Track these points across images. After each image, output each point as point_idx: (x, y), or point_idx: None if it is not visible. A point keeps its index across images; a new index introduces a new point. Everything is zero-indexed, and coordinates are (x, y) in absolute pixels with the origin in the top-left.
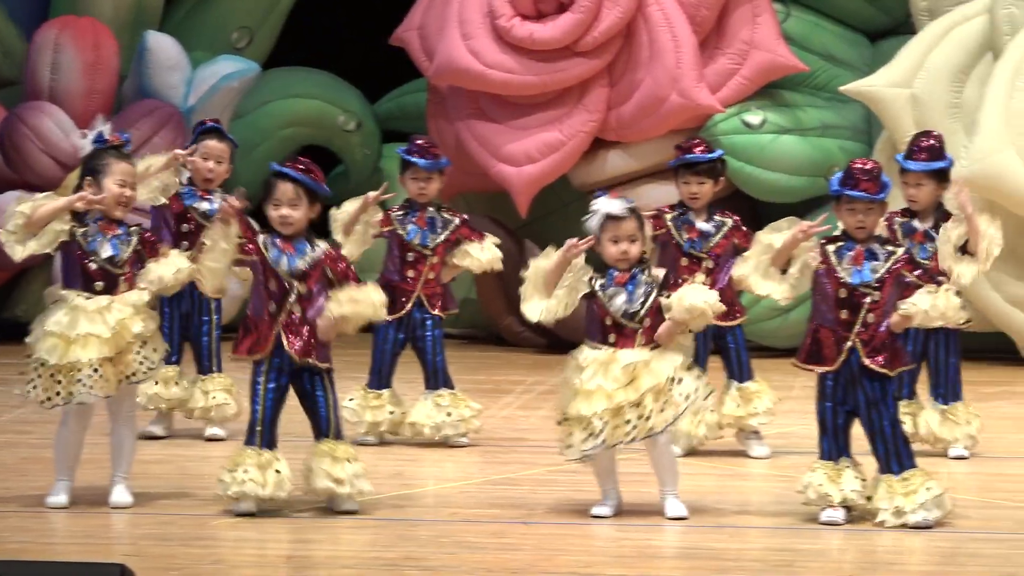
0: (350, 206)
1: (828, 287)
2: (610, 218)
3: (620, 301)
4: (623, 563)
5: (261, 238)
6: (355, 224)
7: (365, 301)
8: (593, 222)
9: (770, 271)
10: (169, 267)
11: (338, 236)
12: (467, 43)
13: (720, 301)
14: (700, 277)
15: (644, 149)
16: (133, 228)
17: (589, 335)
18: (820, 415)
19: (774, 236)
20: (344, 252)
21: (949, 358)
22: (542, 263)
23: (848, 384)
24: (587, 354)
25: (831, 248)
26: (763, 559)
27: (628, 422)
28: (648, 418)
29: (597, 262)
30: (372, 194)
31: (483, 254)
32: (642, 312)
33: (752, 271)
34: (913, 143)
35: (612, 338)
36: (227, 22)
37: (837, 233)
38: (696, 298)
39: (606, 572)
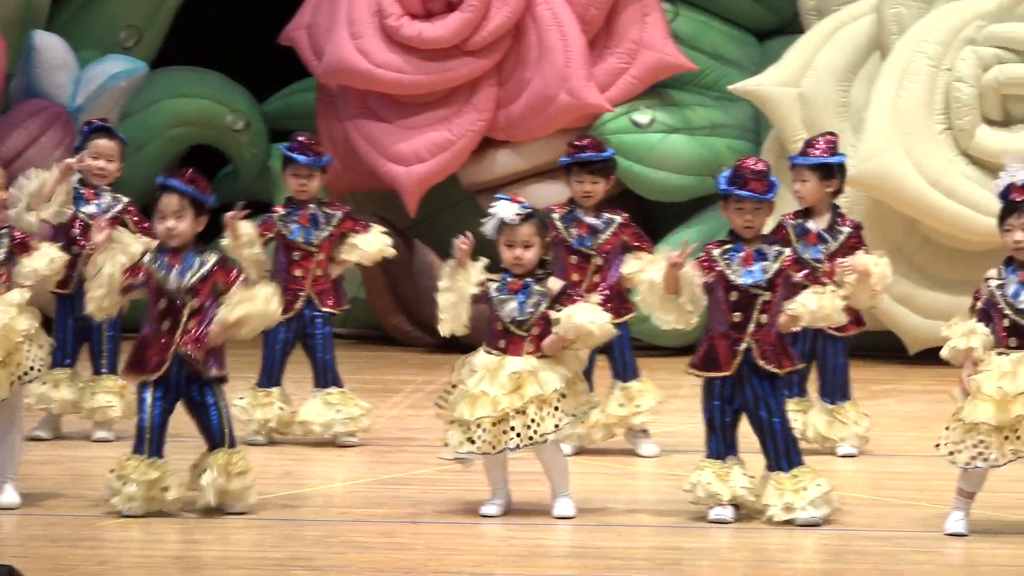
0: (43, 177)
1: (720, 292)
2: (504, 223)
3: (510, 308)
4: (513, 562)
5: (147, 257)
6: (50, 195)
7: (256, 298)
8: (489, 227)
9: (666, 302)
10: (42, 259)
11: (28, 210)
12: (356, 42)
13: (608, 299)
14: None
15: (533, 148)
16: (3, 230)
17: (486, 339)
18: (708, 414)
19: (653, 273)
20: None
21: (838, 358)
22: None
23: (736, 382)
24: (480, 358)
25: (718, 252)
26: (652, 558)
27: (513, 429)
28: (531, 427)
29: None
30: (69, 161)
31: (371, 245)
32: (530, 321)
33: (650, 309)
34: (808, 142)
35: (503, 344)
36: (115, 21)
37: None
38: (585, 318)
39: (496, 571)
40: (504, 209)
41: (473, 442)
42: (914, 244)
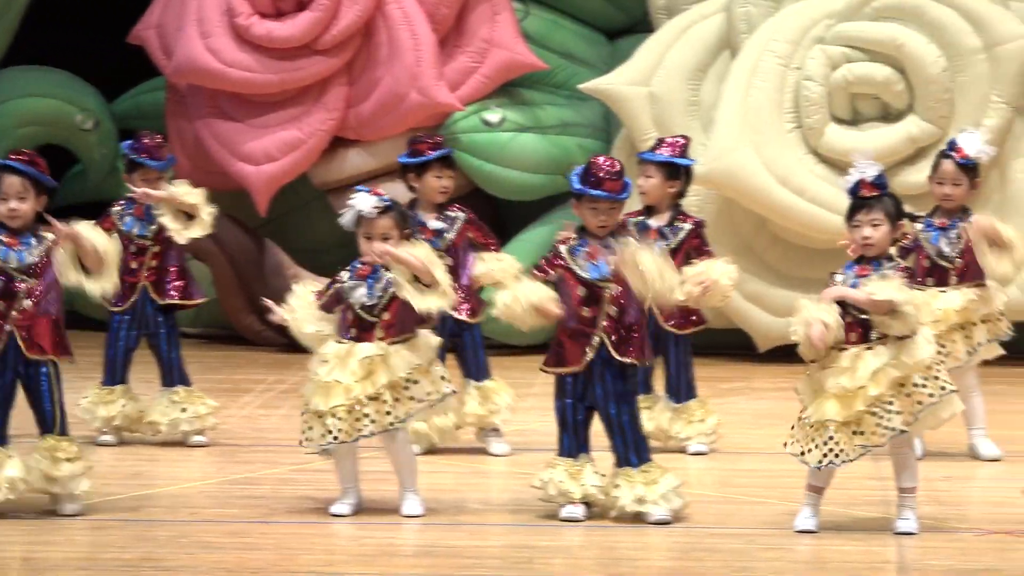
0: None
1: (568, 288)
2: (363, 216)
3: (359, 293)
4: (363, 561)
5: None
6: None
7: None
8: (347, 218)
9: (529, 317)
10: None
11: None
12: (205, 41)
13: (463, 299)
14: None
15: (383, 147)
16: None
17: (337, 329)
18: (559, 412)
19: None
20: None
21: (682, 356)
22: None
23: (587, 380)
24: (330, 347)
25: (565, 249)
26: (503, 556)
27: (367, 415)
28: (387, 413)
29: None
30: None
31: (191, 231)
32: (380, 306)
33: (512, 319)
34: (660, 140)
35: (353, 332)
36: None
37: (570, 234)
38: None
39: (347, 571)
40: (362, 201)
41: (331, 432)
42: (763, 242)
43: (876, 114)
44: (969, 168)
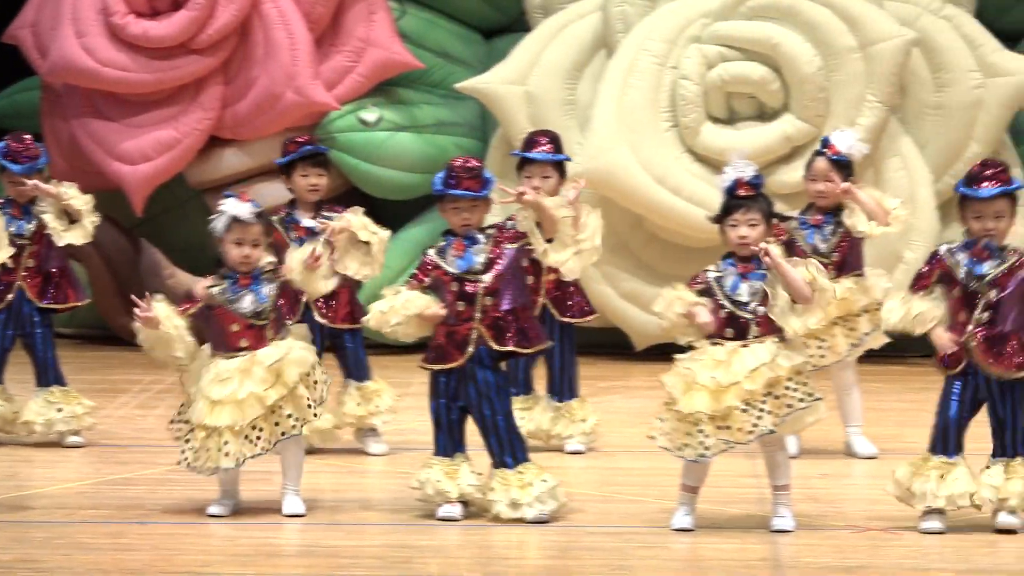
0: None
1: (444, 287)
2: (236, 221)
3: (248, 301)
4: (240, 562)
5: None
6: None
7: None
8: (219, 223)
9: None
10: None
11: None
12: (81, 40)
13: (337, 303)
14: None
15: (259, 147)
16: None
17: (217, 348)
18: (434, 412)
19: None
20: None
21: (565, 356)
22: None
23: (460, 380)
24: (222, 365)
25: (433, 252)
26: (381, 556)
27: (262, 430)
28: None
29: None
30: None
31: (70, 236)
32: (268, 309)
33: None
34: (531, 137)
35: (245, 342)
36: None
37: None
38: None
39: (223, 571)
40: (236, 207)
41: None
42: (640, 241)
43: (752, 113)
44: (842, 165)
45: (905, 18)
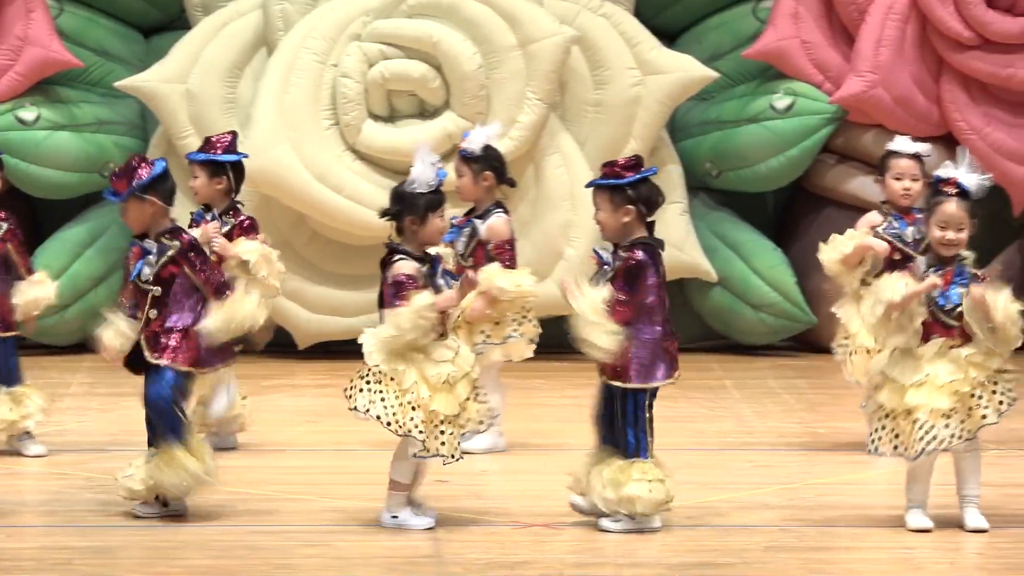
0: None
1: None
2: None
3: None
4: None
5: None
6: None
7: None
8: None
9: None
10: None
11: None
12: None
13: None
14: None
15: None
16: None
17: None
18: None
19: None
20: None
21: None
22: None
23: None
24: None
25: (131, 256)
26: (41, 558)
27: None
28: None
29: None
30: None
31: None
32: None
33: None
34: (207, 139)
35: None
36: None
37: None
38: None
39: None
40: None
41: None
42: (302, 239)
43: (413, 111)
44: (472, 160)
45: (564, 16)
